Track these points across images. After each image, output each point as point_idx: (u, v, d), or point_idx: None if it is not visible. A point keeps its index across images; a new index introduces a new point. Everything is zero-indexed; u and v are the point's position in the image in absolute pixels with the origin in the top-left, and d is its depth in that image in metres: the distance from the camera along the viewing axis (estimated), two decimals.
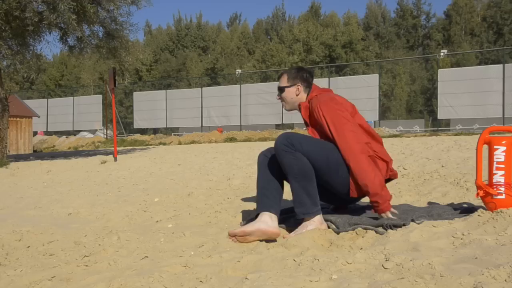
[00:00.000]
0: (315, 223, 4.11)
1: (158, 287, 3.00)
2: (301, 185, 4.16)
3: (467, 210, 4.23)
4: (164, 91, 46.25)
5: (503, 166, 3.74)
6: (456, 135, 22.86)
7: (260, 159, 4.54)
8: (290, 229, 4.29)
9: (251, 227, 4.10)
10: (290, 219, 4.50)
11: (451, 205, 4.64)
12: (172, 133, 41.71)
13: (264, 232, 4.06)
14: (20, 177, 12.17)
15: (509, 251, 3.01)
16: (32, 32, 14.84)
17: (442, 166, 7.64)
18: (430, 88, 55.41)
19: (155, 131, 45.51)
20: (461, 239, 3.40)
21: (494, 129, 4.09)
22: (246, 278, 2.99)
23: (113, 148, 15.79)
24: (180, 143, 28.03)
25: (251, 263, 3.38)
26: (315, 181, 4.21)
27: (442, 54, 43.61)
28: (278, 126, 38.72)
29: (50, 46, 73.62)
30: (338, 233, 4.01)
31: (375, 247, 3.46)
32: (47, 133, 48.79)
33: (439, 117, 34.91)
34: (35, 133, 40.82)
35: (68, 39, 15.96)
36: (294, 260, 3.35)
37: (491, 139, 3.83)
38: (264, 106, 38.70)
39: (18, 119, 34.21)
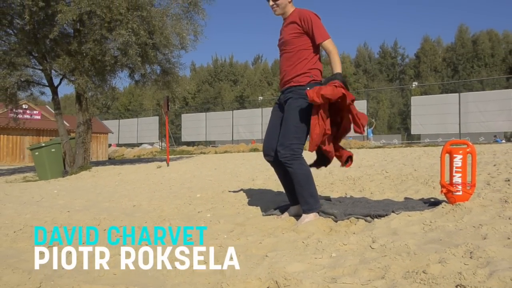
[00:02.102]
0: (311, 216, 4.06)
1: (200, 262, 2.98)
2: (305, 188, 4.08)
3: (433, 203, 4.23)
4: (204, 113, 46.44)
5: (460, 170, 3.86)
6: (425, 146, 22.74)
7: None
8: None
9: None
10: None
11: (421, 199, 4.61)
12: (210, 145, 41.77)
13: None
14: (98, 178, 12.24)
15: (465, 234, 3.08)
16: (109, 71, 14.96)
17: (415, 170, 7.56)
18: (405, 111, 55.41)
19: (198, 143, 45.56)
20: (429, 225, 3.45)
21: (454, 142, 4.13)
22: (266, 256, 2.97)
23: (166, 156, 15.85)
24: (216, 153, 28.04)
25: (270, 244, 3.36)
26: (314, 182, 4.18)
27: (413, 85, 44.03)
28: None
29: (121, 81, 74.51)
30: (336, 222, 3.99)
31: (364, 232, 3.46)
32: (118, 145, 49.14)
33: (412, 132, 35.34)
34: (109, 145, 41.09)
35: (134, 75, 16.05)
36: (302, 242, 3.32)
37: (452, 149, 3.94)
38: None
39: (98, 134, 34.51)
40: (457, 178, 3.89)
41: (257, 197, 6.03)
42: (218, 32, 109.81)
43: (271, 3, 4.36)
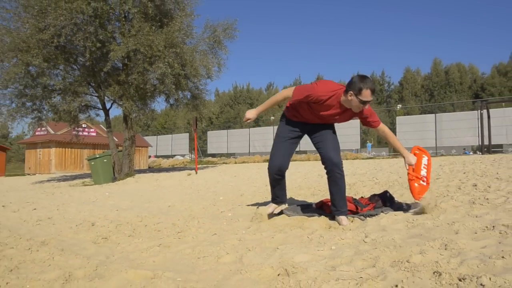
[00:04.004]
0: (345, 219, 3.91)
1: (223, 253, 2.98)
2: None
3: (415, 205, 4.17)
4: (226, 130, 46.63)
5: (426, 167, 4.05)
6: None
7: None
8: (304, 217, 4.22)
9: None
10: (300, 211, 4.46)
11: (405, 202, 4.56)
12: (231, 157, 41.82)
13: None
14: (140, 183, 12.29)
15: (441, 230, 3.08)
16: (149, 96, 15.11)
17: (400, 177, 7.50)
18: (392, 128, 54.90)
19: (220, 155, 45.65)
20: (412, 223, 3.44)
21: (418, 148, 4.28)
22: (277, 248, 2.96)
23: (195, 165, 15.88)
24: (235, 163, 28.04)
25: (281, 238, 3.35)
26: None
27: (398, 107, 44.09)
28: (296, 152, 38.62)
29: (159, 104, 74.97)
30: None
31: (358, 229, 3.45)
32: (156, 156, 49.38)
33: None
34: (149, 156, 41.30)
35: (170, 100, 16.18)
36: (307, 237, 3.31)
37: (421, 152, 4.18)
38: None
39: (140, 148, 34.68)
40: (423, 172, 4.00)
41: (269, 199, 6.02)
42: (238, 64, 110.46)
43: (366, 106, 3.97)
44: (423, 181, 3.98)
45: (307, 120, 4.10)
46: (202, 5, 34.21)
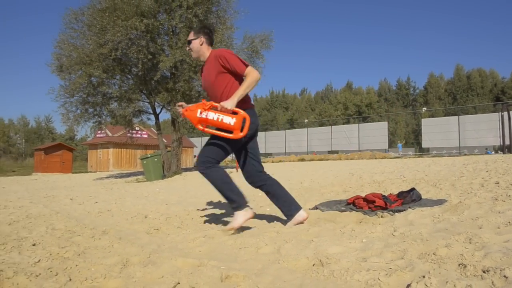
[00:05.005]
0: (243, 213, 3.51)
1: (262, 244, 2.99)
2: (225, 189, 3.54)
3: (440, 201, 4.07)
4: (264, 132, 46.71)
5: None
6: (433, 157, 21.94)
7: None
8: (330, 213, 4.18)
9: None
10: (333, 206, 4.40)
11: (431, 198, 4.45)
12: (268, 156, 41.86)
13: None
14: (187, 180, 12.47)
15: (465, 225, 2.99)
16: (194, 101, 15.33)
17: (426, 175, 7.32)
18: (417, 129, 54.08)
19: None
20: (438, 218, 3.35)
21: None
22: (312, 240, 2.95)
23: (235, 164, 15.98)
24: (272, 162, 28.04)
25: (315, 232, 3.33)
26: (233, 182, 3.57)
27: (423, 110, 43.03)
28: (329, 152, 38.37)
29: None
30: (367, 215, 3.90)
31: (388, 223, 3.38)
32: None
33: (423, 146, 35.24)
34: (194, 156, 41.85)
35: None
36: (340, 230, 3.28)
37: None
38: (320, 140, 39.07)
39: (186, 148, 35.27)
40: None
41: (304, 196, 6.00)
42: (274, 71, 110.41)
43: (187, 48, 3.63)
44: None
45: None
46: (242, 18, 34.33)
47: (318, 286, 2.03)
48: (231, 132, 3.34)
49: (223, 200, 6.20)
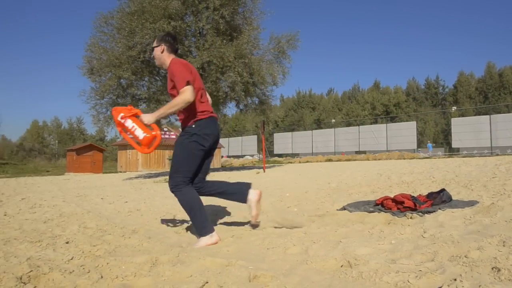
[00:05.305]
0: (207, 238, 3.23)
1: (290, 244, 2.98)
2: (195, 214, 3.34)
3: (472, 203, 3.98)
4: (291, 132, 46.69)
5: None
6: (463, 157, 21.43)
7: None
8: (358, 214, 4.13)
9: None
10: (361, 207, 4.36)
11: (462, 199, 4.34)
12: (295, 157, 41.73)
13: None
14: None
15: (498, 227, 2.92)
16: (221, 102, 15.47)
17: (456, 176, 7.15)
18: (447, 129, 52.83)
19: (286, 155, 45.66)
20: (469, 220, 3.28)
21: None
22: (340, 241, 2.93)
23: (262, 165, 16.01)
24: (300, 162, 27.94)
25: (343, 232, 3.30)
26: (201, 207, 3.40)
27: (453, 109, 42.11)
28: (356, 152, 37.97)
29: (230, 110, 76.23)
30: (396, 216, 3.85)
31: (417, 224, 3.33)
32: (228, 156, 50.35)
33: (453, 146, 34.55)
34: (222, 156, 42.18)
35: (239, 105, 16.44)
36: (368, 231, 3.25)
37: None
38: (348, 140, 38.70)
39: None
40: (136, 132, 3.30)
41: (332, 197, 5.95)
42: (300, 71, 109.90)
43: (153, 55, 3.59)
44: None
45: None
46: (268, 19, 34.44)
47: (346, 287, 2.02)
48: (140, 144, 3.33)
49: None
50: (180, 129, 3.57)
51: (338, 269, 2.34)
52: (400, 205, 4.04)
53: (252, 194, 3.58)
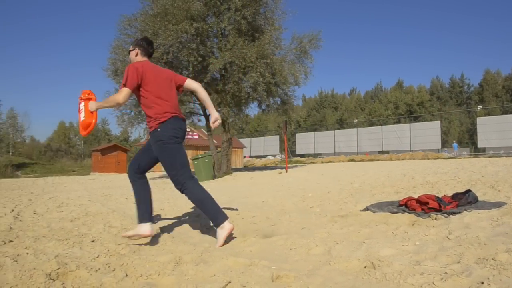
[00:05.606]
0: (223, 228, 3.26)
1: (312, 245, 2.98)
2: (206, 206, 3.38)
3: (499, 204, 3.88)
4: (313, 132, 46.41)
5: None
6: (489, 157, 20.91)
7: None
8: (381, 214, 4.08)
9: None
10: (384, 208, 4.30)
11: (488, 201, 4.24)
12: (318, 157, 41.50)
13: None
14: (237, 180, 12.61)
15: None
16: (244, 103, 15.51)
17: (482, 176, 6.99)
18: (472, 129, 51.59)
19: (308, 155, 45.45)
20: (496, 221, 3.21)
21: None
22: (363, 242, 2.91)
23: (285, 165, 15.98)
24: (322, 162, 27.78)
25: (367, 233, 3.28)
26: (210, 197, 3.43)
27: (478, 108, 41.07)
28: (379, 152, 37.50)
29: (252, 110, 76.35)
30: (420, 217, 3.78)
31: (442, 226, 3.27)
32: (250, 156, 50.42)
33: (478, 146, 33.91)
34: (244, 157, 42.29)
35: (261, 106, 16.43)
36: (392, 232, 3.21)
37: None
38: (370, 140, 38.24)
39: (236, 149, 35.62)
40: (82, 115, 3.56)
41: (354, 197, 5.90)
42: (322, 72, 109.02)
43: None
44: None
45: None
46: (289, 19, 34.32)
47: None
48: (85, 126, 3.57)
49: (273, 200, 6.24)
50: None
51: (362, 270, 2.32)
52: (424, 206, 3.98)
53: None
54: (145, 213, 3.44)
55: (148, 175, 3.73)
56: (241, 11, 13.59)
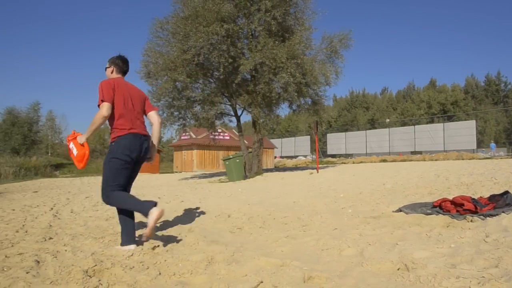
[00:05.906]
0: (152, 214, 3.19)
1: (344, 246, 2.95)
2: (128, 203, 3.37)
3: None
4: (344, 133, 45.89)
5: None
6: None
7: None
8: (415, 215, 3.99)
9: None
10: (417, 209, 4.21)
11: None
12: (349, 157, 40.98)
13: None
14: (268, 181, 12.62)
15: None
16: (274, 103, 15.49)
17: None
18: (510, 128, 49.68)
19: (339, 155, 44.94)
20: None
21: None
22: (397, 244, 2.86)
23: (316, 165, 15.86)
24: (353, 163, 27.41)
25: (400, 235, 3.22)
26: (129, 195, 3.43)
27: None
28: (412, 152, 36.70)
29: (283, 110, 76.28)
30: (455, 219, 3.68)
31: (479, 228, 3.17)
32: (281, 157, 50.34)
33: None
34: (275, 157, 42.23)
35: (292, 106, 16.37)
36: (426, 234, 3.15)
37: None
38: (403, 140, 37.44)
39: (267, 149, 35.66)
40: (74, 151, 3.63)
41: (387, 198, 5.81)
42: (353, 71, 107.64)
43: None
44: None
45: None
46: (320, 19, 34.09)
47: None
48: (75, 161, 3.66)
49: (304, 201, 6.22)
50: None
51: (395, 272, 2.28)
52: (459, 207, 3.87)
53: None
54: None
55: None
56: (271, 12, 13.59)
